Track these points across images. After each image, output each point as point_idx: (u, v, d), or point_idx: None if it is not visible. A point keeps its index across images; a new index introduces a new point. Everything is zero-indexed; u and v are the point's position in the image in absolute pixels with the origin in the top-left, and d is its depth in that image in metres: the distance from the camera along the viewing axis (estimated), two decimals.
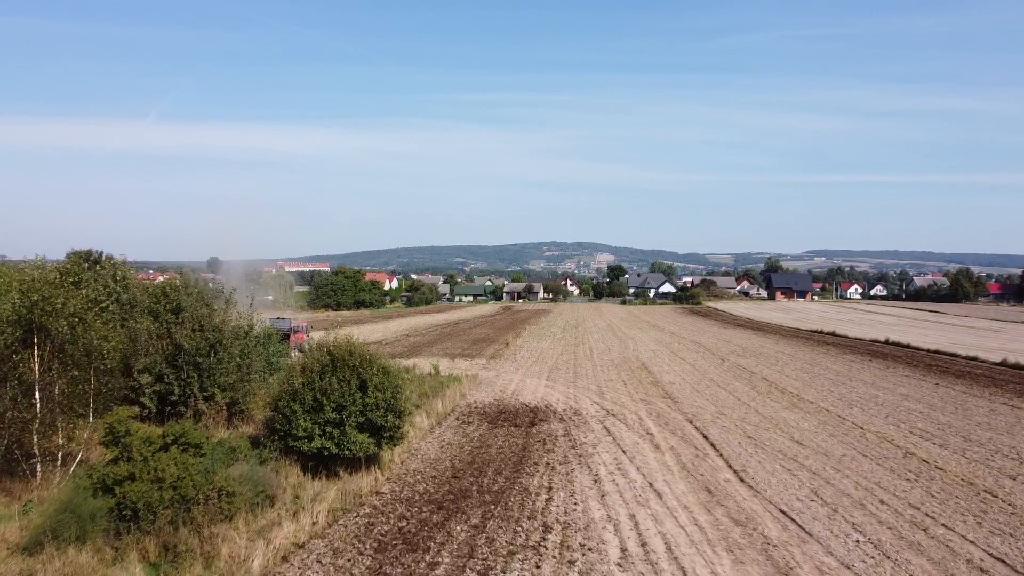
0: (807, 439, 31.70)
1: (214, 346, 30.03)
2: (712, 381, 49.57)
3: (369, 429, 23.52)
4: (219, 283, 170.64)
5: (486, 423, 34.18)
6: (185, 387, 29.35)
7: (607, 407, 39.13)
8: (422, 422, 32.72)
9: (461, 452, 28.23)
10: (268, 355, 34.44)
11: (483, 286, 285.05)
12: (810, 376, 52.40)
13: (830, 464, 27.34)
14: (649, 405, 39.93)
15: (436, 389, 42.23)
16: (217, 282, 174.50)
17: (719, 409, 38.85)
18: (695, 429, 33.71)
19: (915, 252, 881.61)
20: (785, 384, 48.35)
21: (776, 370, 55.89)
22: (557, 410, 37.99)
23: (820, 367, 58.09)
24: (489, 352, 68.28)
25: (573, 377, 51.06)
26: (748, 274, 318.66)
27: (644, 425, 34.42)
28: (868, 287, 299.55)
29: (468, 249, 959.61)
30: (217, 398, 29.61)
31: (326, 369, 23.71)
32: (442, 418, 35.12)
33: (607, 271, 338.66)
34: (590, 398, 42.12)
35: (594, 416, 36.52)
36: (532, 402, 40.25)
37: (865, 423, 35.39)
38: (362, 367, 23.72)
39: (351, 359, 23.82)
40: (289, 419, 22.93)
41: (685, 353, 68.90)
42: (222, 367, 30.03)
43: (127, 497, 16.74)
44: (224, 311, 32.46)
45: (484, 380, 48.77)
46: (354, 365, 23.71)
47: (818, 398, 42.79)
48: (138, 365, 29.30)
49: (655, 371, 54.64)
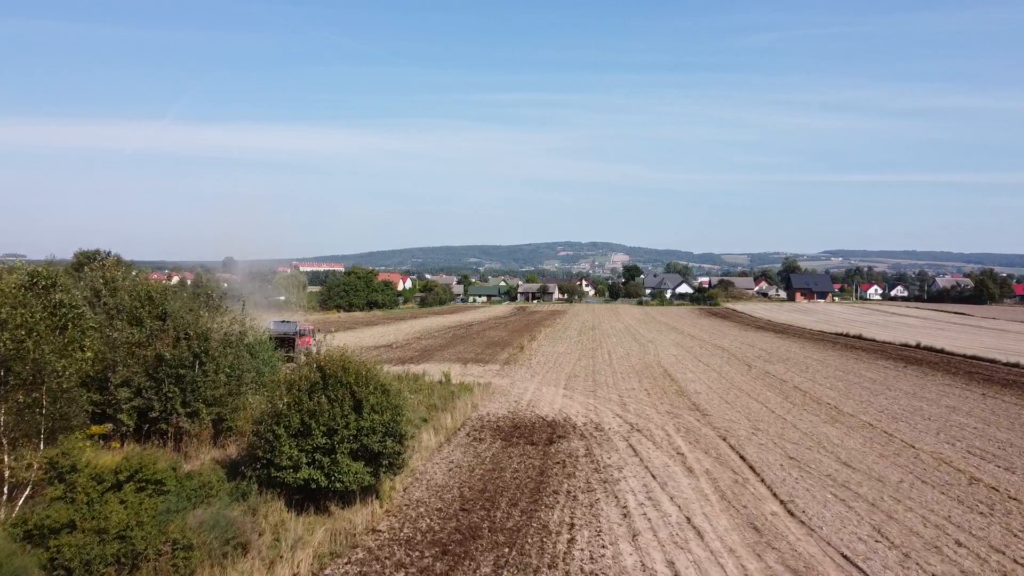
0: (856, 461, 28.52)
1: (199, 356, 27.12)
2: (741, 390, 46.36)
3: (365, 456, 20.53)
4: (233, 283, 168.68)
5: (499, 440, 31.15)
6: (167, 402, 26.47)
7: (631, 421, 36.04)
8: (429, 439, 29.72)
9: (471, 477, 25.19)
10: (260, 365, 31.39)
11: (497, 286, 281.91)
12: (845, 385, 49.11)
13: (888, 493, 24.18)
14: (676, 418, 36.81)
15: (446, 400, 39.24)
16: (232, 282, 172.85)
17: (753, 423, 35.70)
18: (729, 448, 30.59)
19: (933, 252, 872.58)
20: (820, 394, 45.11)
21: (808, 378, 52.63)
22: (577, 424, 34.92)
23: (854, 374, 54.76)
24: (503, 357, 65.25)
25: (592, 386, 47.95)
26: (765, 274, 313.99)
27: (673, 443, 31.31)
28: (888, 288, 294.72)
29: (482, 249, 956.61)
30: (202, 414, 26.69)
31: (316, 387, 20.73)
32: (451, 434, 32.11)
33: (622, 271, 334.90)
34: (612, 410, 39.02)
35: (617, 432, 33.44)
36: (549, 415, 37.20)
37: (915, 441, 32.18)
38: (357, 385, 20.72)
39: (345, 375, 20.83)
40: (272, 445, 19.94)
41: (709, 358, 65.67)
42: (208, 379, 27.13)
43: (61, 552, 13.80)
44: (210, 317, 29.47)
45: (497, 389, 45.74)
46: (348, 382, 20.73)
47: (858, 410, 39.57)
48: (116, 378, 26.44)
49: (679, 379, 51.47)
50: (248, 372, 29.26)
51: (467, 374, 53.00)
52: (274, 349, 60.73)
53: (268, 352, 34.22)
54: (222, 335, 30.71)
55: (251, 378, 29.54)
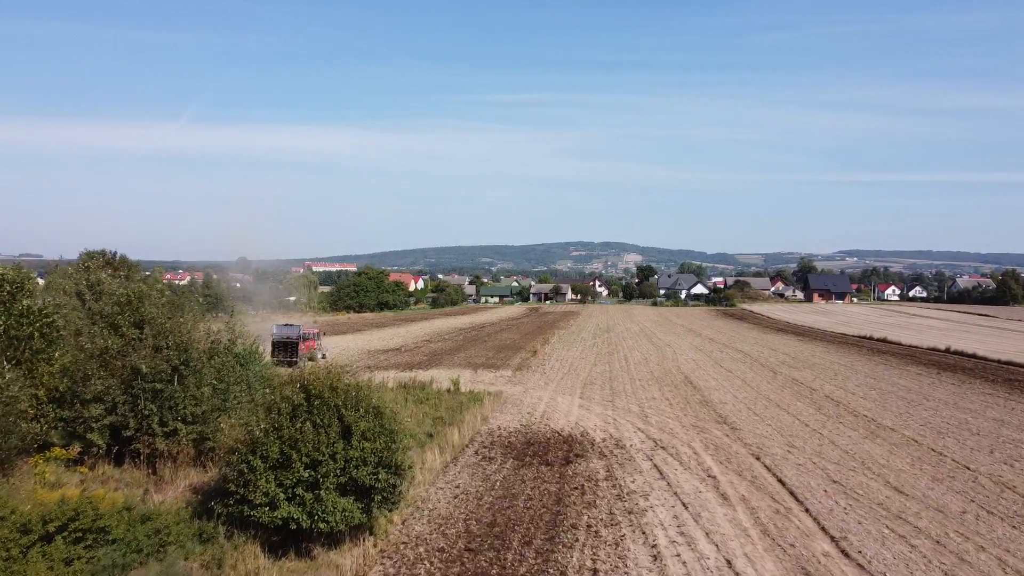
0: (907, 485, 25.60)
1: (178, 368, 24.44)
2: (769, 400, 43.43)
3: (355, 491, 17.77)
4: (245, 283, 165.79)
5: (511, 459, 28.32)
6: (143, 420, 23.81)
7: (654, 436, 33.19)
8: (433, 460, 26.92)
9: (479, 507, 22.38)
10: (250, 377, 28.63)
11: (509, 287, 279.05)
12: (879, 394, 46.08)
13: (952, 527, 21.27)
14: (703, 433, 33.94)
15: (453, 412, 36.49)
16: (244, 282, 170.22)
17: (787, 439, 32.80)
18: (765, 468, 27.71)
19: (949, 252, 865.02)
20: (854, 404, 42.13)
21: (838, 386, 49.62)
22: (595, 440, 32.09)
23: (885, 382, 51.72)
24: (515, 362, 62.45)
25: (610, 394, 45.09)
26: (781, 275, 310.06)
27: (702, 463, 28.45)
28: (906, 288, 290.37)
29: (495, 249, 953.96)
30: (180, 433, 23.99)
31: (299, 410, 17.96)
32: (459, 452, 29.30)
33: (636, 271, 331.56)
34: (632, 423, 36.18)
35: (640, 449, 30.59)
36: (565, 428, 34.39)
37: (969, 460, 29.23)
38: (346, 407, 17.95)
39: (333, 396, 18.06)
40: (246, 478, 17.17)
41: (730, 364, 62.69)
42: (188, 394, 24.46)
43: None
44: (192, 323, 26.77)
45: (509, 398, 42.94)
46: (336, 405, 17.96)
47: (898, 424, 36.61)
48: (86, 393, 23.80)
49: (702, 387, 48.56)
50: (235, 385, 26.53)
51: (477, 381, 50.26)
52: (274, 354, 58.58)
53: (260, 362, 31.41)
54: (209, 344, 28.09)
55: (239, 391, 26.80)
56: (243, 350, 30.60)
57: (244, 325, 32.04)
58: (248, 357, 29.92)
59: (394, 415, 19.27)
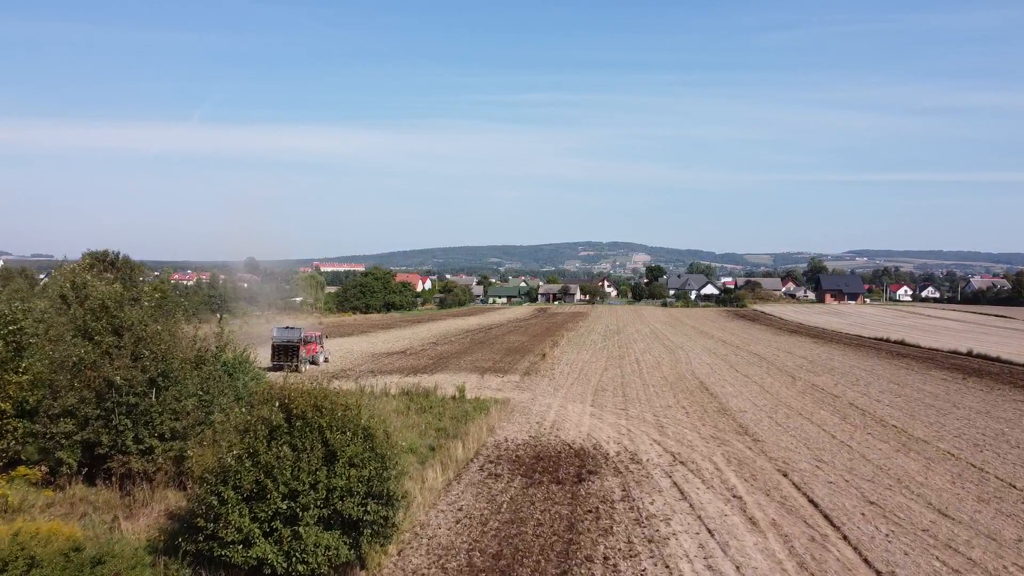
0: (951, 507, 23.44)
1: (155, 380, 22.44)
2: (791, 408, 41.25)
3: (341, 524, 15.70)
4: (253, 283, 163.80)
5: (519, 476, 26.23)
6: (117, 436, 21.82)
7: (672, 449, 31.05)
8: (435, 478, 24.82)
9: (484, 534, 20.28)
10: (239, 388, 26.60)
11: (517, 287, 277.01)
12: (905, 402, 43.85)
13: (1009, 558, 19.11)
14: (724, 446, 31.80)
15: (458, 422, 34.45)
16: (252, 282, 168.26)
17: (814, 453, 30.64)
18: (794, 487, 25.56)
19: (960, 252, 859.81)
20: (881, 413, 39.92)
21: (860, 392, 47.39)
22: (609, 454, 29.97)
23: (910, 388, 49.46)
24: (523, 366, 60.36)
25: (623, 401, 42.97)
26: (791, 275, 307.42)
27: (725, 480, 26.31)
28: (918, 289, 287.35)
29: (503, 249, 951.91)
30: (157, 452, 21.98)
31: (278, 432, 15.88)
32: (463, 468, 27.20)
33: (644, 271, 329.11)
34: (648, 434, 34.06)
35: (657, 464, 28.46)
36: (576, 440, 32.29)
37: (1014, 478, 27.02)
38: (331, 429, 15.87)
39: (316, 417, 15.98)
40: (216, 512, 15.11)
41: (746, 367, 60.48)
42: (167, 408, 22.45)
43: None
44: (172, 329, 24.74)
45: (517, 406, 40.85)
46: (320, 425, 15.88)
47: (931, 435, 34.41)
48: (55, 407, 21.83)
49: (718, 393, 46.40)
50: (221, 397, 24.51)
51: (484, 387, 48.20)
52: (275, 358, 56.67)
53: (250, 372, 29.35)
54: (194, 352, 26.11)
55: (225, 403, 24.78)
56: (232, 358, 28.65)
57: (232, 332, 30.00)
58: (237, 366, 27.89)
59: (387, 436, 17.16)
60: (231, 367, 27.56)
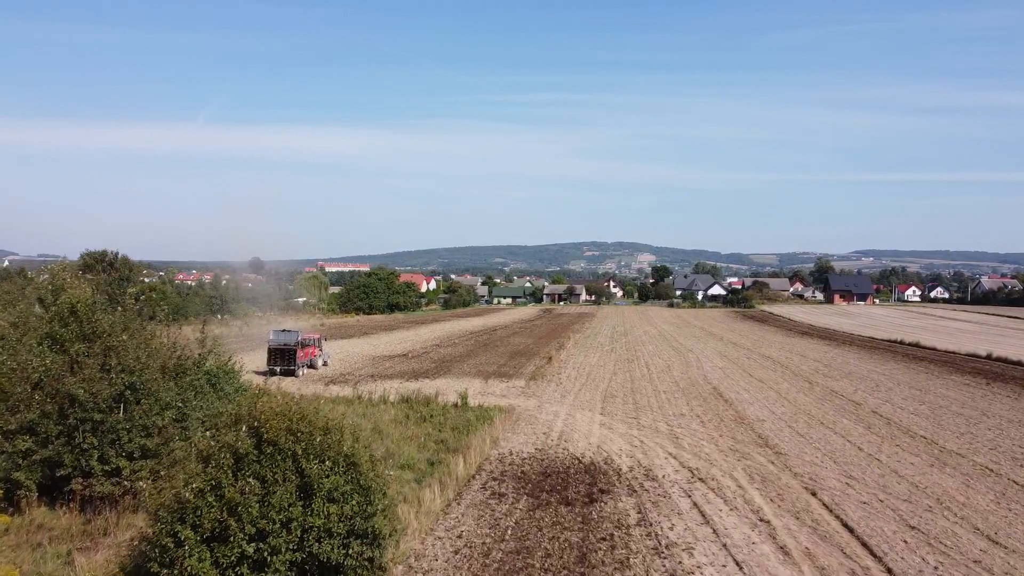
0: (1001, 532, 21.26)
1: (123, 394, 20.35)
2: (811, 417, 39.06)
3: (317, 570, 13.59)
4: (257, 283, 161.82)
5: (524, 496, 24.07)
6: (80, 456, 19.75)
7: (689, 464, 28.88)
8: (432, 499, 22.64)
9: (486, 567, 18.07)
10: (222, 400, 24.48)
11: (522, 287, 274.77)
12: (930, 409, 41.65)
13: None
14: (745, 459, 29.63)
15: (459, 434, 32.34)
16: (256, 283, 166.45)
17: (842, 468, 28.45)
18: (824, 508, 23.39)
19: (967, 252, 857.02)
20: (906, 422, 37.74)
21: (882, 399, 45.17)
22: (621, 469, 27.80)
23: (933, 394, 47.23)
24: (529, 370, 58.20)
25: (634, 409, 40.80)
26: (798, 275, 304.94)
27: (750, 500, 24.14)
28: (926, 289, 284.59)
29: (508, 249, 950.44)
30: (125, 473, 19.88)
31: (245, 461, 13.76)
32: (464, 485, 25.03)
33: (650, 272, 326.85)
34: (662, 446, 31.89)
35: (675, 482, 26.28)
36: (586, 454, 30.12)
37: None
38: (307, 457, 13.75)
39: (291, 442, 13.84)
40: (171, 556, 12.99)
41: (759, 371, 58.26)
42: (137, 424, 20.36)
43: None
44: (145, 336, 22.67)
45: (523, 414, 38.71)
46: (294, 453, 13.76)
47: (964, 447, 32.23)
48: (11, 423, 19.76)
49: (733, 399, 44.21)
50: (198, 410, 22.40)
51: (488, 393, 46.09)
52: (271, 362, 54.59)
53: (236, 382, 27.25)
54: (174, 360, 24.07)
55: (206, 417, 22.68)
56: (216, 366, 26.57)
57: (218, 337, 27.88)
58: (221, 375, 25.80)
59: (374, 464, 15.00)
60: (215, 376, 25.43)
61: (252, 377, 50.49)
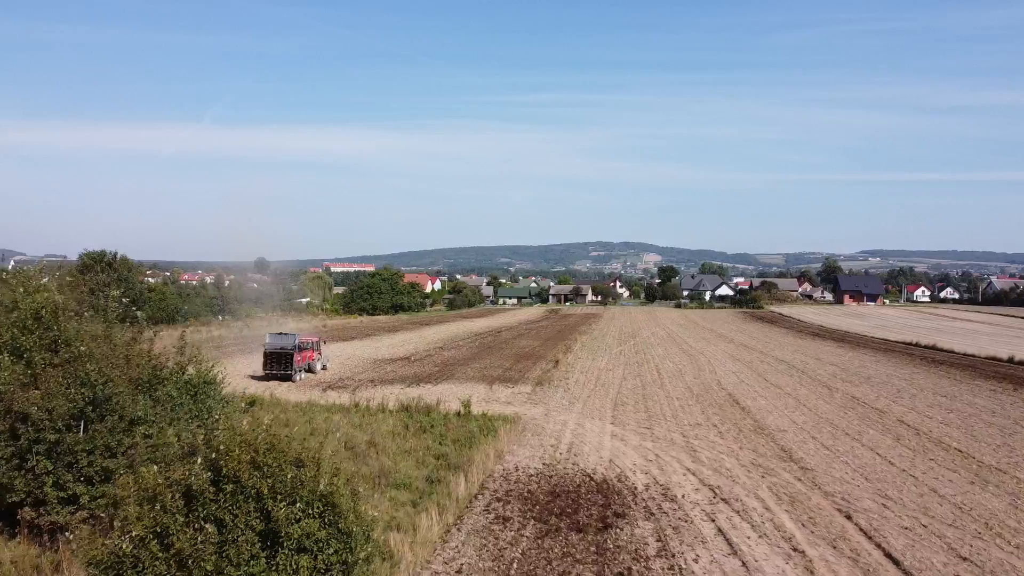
0: None
1: (85, 411, 18.22)
2: (835, 427, 36.81)
3: None
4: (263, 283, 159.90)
5: (532, 521, 21.87)
6: (33, 481, 17.62)
7: (709, 480, 26.67)
8: (429, 526, 20.41)
9: None
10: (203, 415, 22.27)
11: (528, 288, 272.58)
12: (960, 419, 39.38)
13: None
14: (769, 476, 27.40)
15: (462, 446, 30.14)
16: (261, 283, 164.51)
17: (876, 486, 26.22)
18: (863, 535, 21.16)
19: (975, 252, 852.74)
20: (937, 433, 35.49)
21: (907, 406, 42.89)
22: (637, 488, 25.59)
23: (960, 401, 44.92)
24: (535, 375, 55.97)
25: (646, 418, 38.59)
26: (806, 275, 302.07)
27: (780, 525, 21.93)
28: (935, 290, 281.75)
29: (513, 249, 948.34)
30: (83, 500, 17.72)
31: (199, 501, 11.55)
32: (465, 508, 22.84)
33: (656, 272, 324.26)
34: (679, 460, 29.68)
35: (695, 503, 24.08)
36: (598, 470, 27.91)
37: None
38: (274, 496, 11.56)
39: (255, 479, 11.64)
40: None
41: (775, 376, 55.99)
42: (101, 443, 18.23)
43: None
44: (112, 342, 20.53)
45: (529, 424, 36.53)
46: (259, 492, 11.58)
47: (1004, 462, 29.98)
48: None
49: (750, 408, 41.96)
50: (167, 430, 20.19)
51: (492, 399, 43.92)
52: (267, 367, 52.48)
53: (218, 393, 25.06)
54: (149, 370, 21.95)
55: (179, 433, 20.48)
56: (196, 375, 24.40)
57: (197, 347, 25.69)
58: (201, 386, 23.64)
59: (356, 497, 12.79)
60: (195, 387, 23.28)
61: (248, 383, 48.48)
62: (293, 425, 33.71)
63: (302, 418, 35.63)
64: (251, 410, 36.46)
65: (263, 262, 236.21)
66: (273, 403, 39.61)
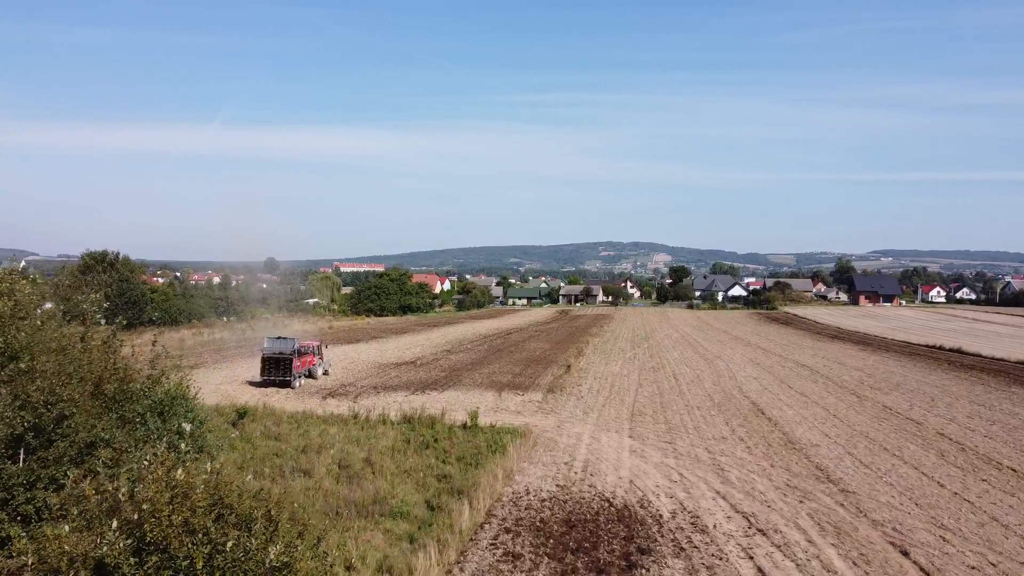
0: None
1: (24, 436, 15.63)
2: (871, 441, 34.02)
3: None
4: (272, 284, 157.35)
5: (545, 559, 19.17)
6: None
7: (742, 507, 23.93)
8: (428, 567, 17.74)
9: None
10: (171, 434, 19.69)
11: (538, 288, 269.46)
12: (1004, 431, 36.56)
13: None
14: (807, 500, 24.66)
15: (467, 466, 27.47)
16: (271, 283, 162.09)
17: (929, 513, 23.46)
18: None
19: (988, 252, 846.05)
20: (984, 448, 32.66)
21: (944, 417, 40.04)
22: (662, 516, 22.90)
23: (1000, 411, 42.05)
24: (546, 381, 53.24)
25: (666, 431, 35.87)
26: (819, 275, 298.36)
27: (827, 563, 19.17)
28: (951, 290, 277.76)
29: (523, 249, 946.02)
30: (17, 543, 15.11)
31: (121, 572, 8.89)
32: (469, 542, 20.19)
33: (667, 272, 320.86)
34: (707, 481, 26.94)
35: (729, 534, 21.36)
36: (617, 493, 25.21)
37: None
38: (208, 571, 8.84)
39: (187, 546, 8.93)
40: None
41: (799, 383, 53.13)
42: (46, 474, 15.64)
43: None
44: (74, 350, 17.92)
45: (540, 437, 33.87)
46: (191, 565, 8.87)
47: None
48: None
49: (777, 418, 39.17)
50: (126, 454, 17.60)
51: (501, 408, 41.26)
52: (265, 373, 49.94)
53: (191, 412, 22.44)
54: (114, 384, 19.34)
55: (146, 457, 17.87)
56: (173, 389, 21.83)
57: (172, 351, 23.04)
58: (170, 403, 21.02)
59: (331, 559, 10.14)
60: (163, 405, 20.66)
61: (244, 390, 45.93)
62: (285, 440, 31.18)
63: (296, 431, 33.07)
64: (240, 423, 33.95)
65: (273, 262, 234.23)
66: (266, 414, 37.05)
